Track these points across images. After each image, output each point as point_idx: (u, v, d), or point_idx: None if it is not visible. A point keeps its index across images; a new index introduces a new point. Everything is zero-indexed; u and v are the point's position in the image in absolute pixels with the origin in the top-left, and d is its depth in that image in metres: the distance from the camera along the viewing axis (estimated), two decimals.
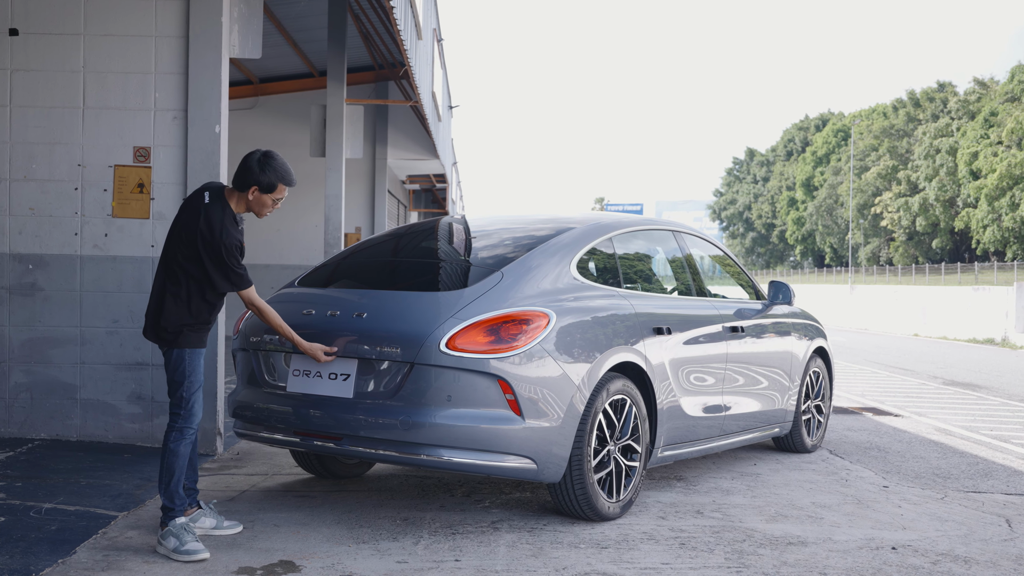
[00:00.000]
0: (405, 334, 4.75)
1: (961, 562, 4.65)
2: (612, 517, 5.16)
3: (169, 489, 4.48)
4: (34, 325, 6.68)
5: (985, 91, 67.04)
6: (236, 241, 4.56)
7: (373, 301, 5.11)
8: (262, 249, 16.89)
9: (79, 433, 6.70)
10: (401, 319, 4.86)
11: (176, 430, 4.54)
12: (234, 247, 4.54)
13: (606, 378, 5.09)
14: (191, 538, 4.36)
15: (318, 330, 4.98)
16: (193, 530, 4.44)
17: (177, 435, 4.53)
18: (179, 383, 4.57)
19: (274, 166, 4.58)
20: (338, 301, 5.26)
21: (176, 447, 4.51)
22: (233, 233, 4.55)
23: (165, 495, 4.48)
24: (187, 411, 4.56)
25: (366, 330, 4.87)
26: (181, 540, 4.34)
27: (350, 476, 6.06)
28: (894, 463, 7.26)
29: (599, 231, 5.75)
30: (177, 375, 4.57)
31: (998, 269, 44.00)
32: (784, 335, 7.10)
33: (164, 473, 4.51)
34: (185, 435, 4.54)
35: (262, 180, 4.56)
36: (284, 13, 13.62)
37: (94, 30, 6.65)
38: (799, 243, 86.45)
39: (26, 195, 6.66)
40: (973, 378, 15.34)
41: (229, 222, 4.54)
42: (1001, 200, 55.39)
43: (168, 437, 4.54)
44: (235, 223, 4.60)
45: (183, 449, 4.53)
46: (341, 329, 4.93)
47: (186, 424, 4.55)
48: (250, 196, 4.61)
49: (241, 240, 4.62)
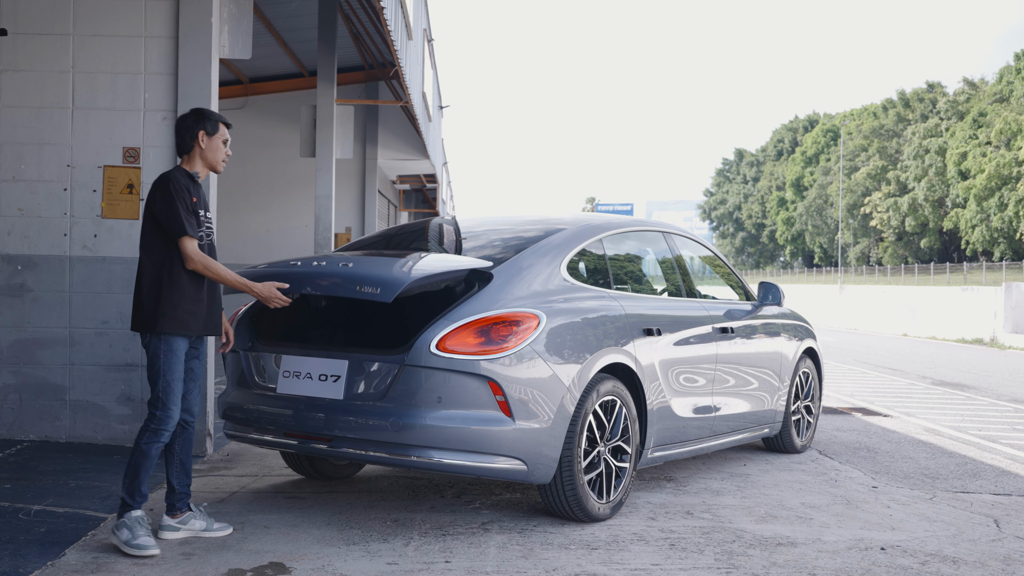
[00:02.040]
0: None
1: (949, 562, 4.67)
2: (602, 518, 5.17)
3: (132, 486, 4.44)
4: (23, 326, 6.66)
5: (974, 91, 67.30)
6: (183, 186, 4.53)
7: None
8: (252, 249, 16.86)
9: (68, 434, 6.68)
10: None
11: (150, 431, 4.46)
12: (182, 188, 4.52)
13: (596, 379, 5.10)
14: (144, 532, 4.36)
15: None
16: (147, 525, 4.42)
17: (151, 436, 4.46)
18: (154, 380, 4.48)
19: (207, 111, 4.69)
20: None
21: (147, 448, 4.45)
22: (180, 179, 4.55)
23: (127, 491, 4.44)
24: (163, 412, 4.46)
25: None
26: (134, 533, 4.34)
27: (340, 477, 6.06)
28: (883, 463, 7.28)
29: (589, 232, 5.76)
30: (152, 371, 4.48)
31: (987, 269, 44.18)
32: (774, 336, 7.12)
33: (129, 471, 4.46)
34: (159, 436, 4.47)
35: (206, 125, 4.63)
36: (274, 13, 13.60)
37: (83, 30, 6.63)
38: (789, 243, 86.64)
39: (15, 196, 6.64)
40: (962, 378, 15.40)
41: (178, 172, 4.59)
42: (990, 200, 55.62)
43: (141, 436, 4.47)
44: (188, 178, 4.62)
45: (154, 451, 4.47)
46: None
47: (161, 426, 4.46)
48: (201, 145, 4.63)
49: (191, 191, 4.57)
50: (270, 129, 17.38)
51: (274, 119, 17.49)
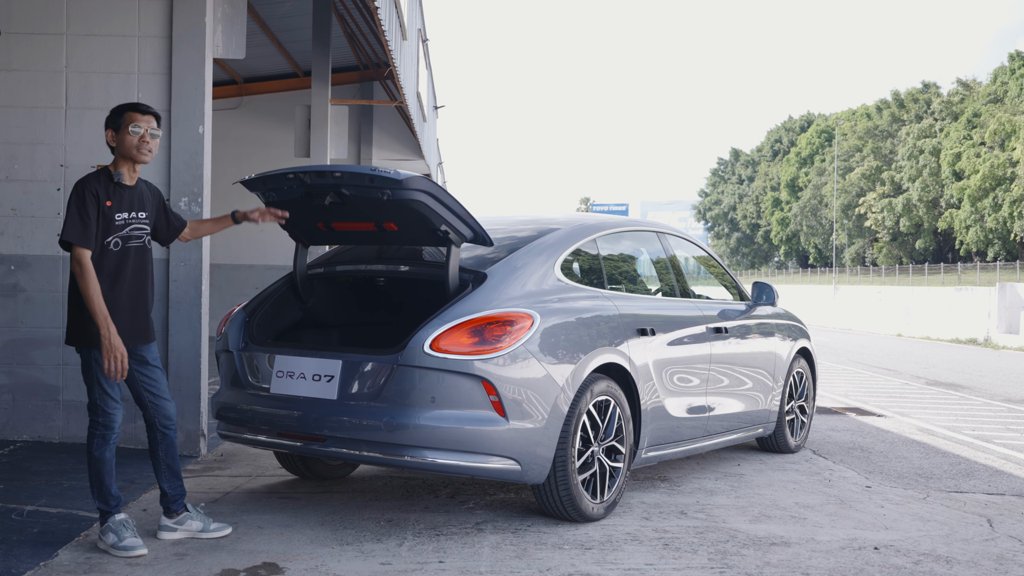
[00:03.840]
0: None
1: (943, 562, 4.68)
2: (596, 518, 5.17)
3: (102, 493, 4.43)
4: (16, 326, 6.65)
5: (968, 92, 67.47)
6: (92, 188, 4.33)
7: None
8: (246, 249, 16.84)
9: (61, 435, 6.66)
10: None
11: (97, 437, 4.43)
12: (86, 191, 4.31)
13: (590, 379, 5.10)
14: (129, 534, 4.35)
15: None
16: (132, 527, 4.41)
17: (100, 442, 4.43)
18: (90, 388, 4.43)
19: (117, 107, 4.47)
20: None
21: (101, 454, 4.43)
22: (90, 185, 4.34)
23: (98, 499, 4.43)
24: (104, 417, 4.42)
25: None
26: (119, 536, 4.33)
27: (334, 477, 6.05)
28: (877, 463, 7.29)
29: (583, 232, 5.76)
30: (86, 379, 4.43)
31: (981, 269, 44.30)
32: (768, 336, 7.13)
33: (93, 480, 4.44)
34: (107, 440, 4.43)
35: (113, 122, 4.42)
36: (268, 13, 13.58)
37: (77, 30, 6.62)
38: (783, 243, 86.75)
39: (8, 195, 6.63)
40: (956, 378, 15.42)
41: (92, 177, 4.38)
42: (984, 201, 55.75)
43: (91, 444, 4.43)
44: (108, 178, 4.39)
45: (108, 455, 4.44)
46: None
47: (106, 431, 4.43)
48: (112, 144, 4.43)
49: (99, 196, 4.33)
50: (264, 129, 17.36)
51: (268, 119, 17.47)
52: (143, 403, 4.59)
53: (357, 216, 5.09)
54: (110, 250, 4.40)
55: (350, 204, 4.96)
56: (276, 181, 5.03)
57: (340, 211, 5.07)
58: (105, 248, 4.38)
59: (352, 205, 4.96)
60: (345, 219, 5.17)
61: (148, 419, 4.62)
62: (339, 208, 5.03)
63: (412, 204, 4.81)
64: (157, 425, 4.61)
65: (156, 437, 4.62)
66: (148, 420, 4.62)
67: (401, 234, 5.15)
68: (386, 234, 5.18)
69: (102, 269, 4.37)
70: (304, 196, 5.03)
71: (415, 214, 4.88)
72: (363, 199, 4.89)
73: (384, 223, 5.06)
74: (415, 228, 5.01)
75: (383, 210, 4.93)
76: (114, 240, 4.40)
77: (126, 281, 4.45)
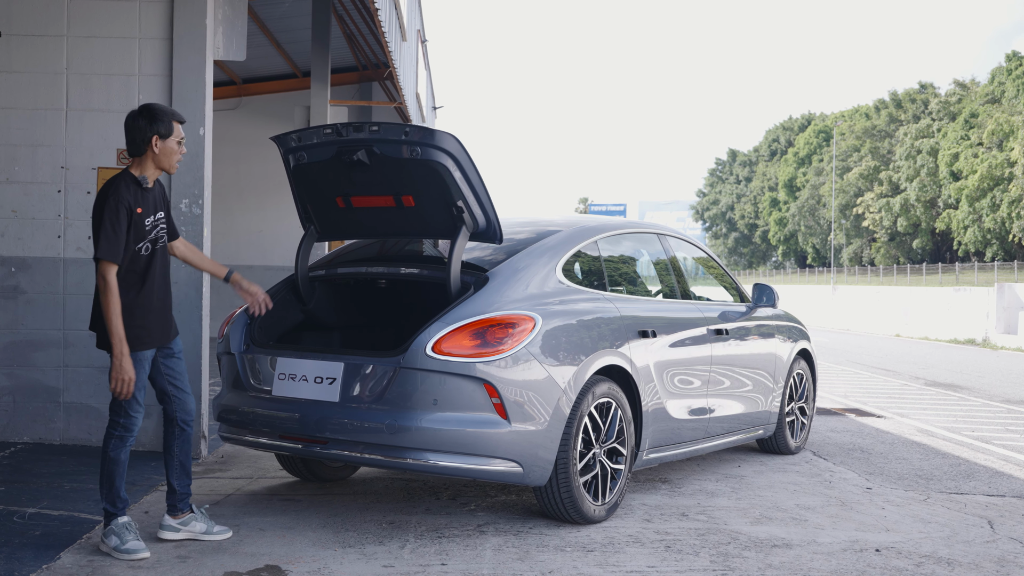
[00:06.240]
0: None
1: (944, 564, 4.68)
2: (598, 520, 5.17)
3: (111, 494, 4.44)
4: (17, 328, 6.64)
5: (965, 92, 67.54)
6: (125, 200, 4.31)
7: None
8: (246, 250, 16.83)
9: (62, 437, 6.66)
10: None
11: (116, 437, 4.45)
12: (119, 205, 4.29)
13: (592, 381, 5.10)
14: (132, 537, 4.36)
15: None
16: (135, 529, 4.42)
17: (117, 443, 4.45)
18: None
19: (160, 111, 4.44)
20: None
21: (116, 455, 4.45)
22: (123, 194, 4.32)
23: (106, 500, 4.45)
24: (125, 418, 4.44)
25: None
26: (122, 539, 4.34)
27: (335, 479, 6.05)
28: (877, 464, 7.30)
29: (585, 234, 5.76)
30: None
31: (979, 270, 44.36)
32: (768, 337, 7.14)
33: (104, 480, 4.46)
34: (125, 442, 4.45)
35: (159, 128, 4.42)
36: (268, 14, 13.57)
37: (77, 32, 6.61)
38: (781, 243, 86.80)
39: (8, 197, 6.62)
40: (955, 379, 15.44)
41: (121, 184, 4.35)
42: (982, 201, 55.80)
43: (107, 444, 4.45)
44: (136, 184, 4.39)
45: (123, 456, 4.46)
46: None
47: (125, 432, 4.45)
48: (155, 149, 4.41)
49: (132, 205, 4.33)
50: (264, 130, 17.32)
51: (268, 120, 17.46)
52: (166, 396, 4.62)
53: (378, 186, 5.10)
54: (141, 255, 4.44)
55: (375, 168, 4.99)
56: (311, 134, 5.08)
57: (362, 178, 5.08)
58: (136, 254, 4.42)
59: (376, 169, 4.99)
60: (365, 190, 5.18)
61: (169, 414, 4.64)
62: (362, 174, 5.05)
63: (436, 167, 4.84)
64: (177, 420, 4.63)
65: (174, 432, 4.63)
66: (168, 415, 4.64)
67: (417, 211, 5.14)
68: (403, 211, 5.18)
69: (134, 273, 4.41)
70: (333, 157, 5.04)
71: (436, 181, 4.91)
72: (390, 160, 4.92)
73: (403, 195, 5.07)
74: (432, 203, 5.03)
75: (406, 176, 4.95)
76: (144, 245, 4.44)
77: (155, 282, 4.50)
